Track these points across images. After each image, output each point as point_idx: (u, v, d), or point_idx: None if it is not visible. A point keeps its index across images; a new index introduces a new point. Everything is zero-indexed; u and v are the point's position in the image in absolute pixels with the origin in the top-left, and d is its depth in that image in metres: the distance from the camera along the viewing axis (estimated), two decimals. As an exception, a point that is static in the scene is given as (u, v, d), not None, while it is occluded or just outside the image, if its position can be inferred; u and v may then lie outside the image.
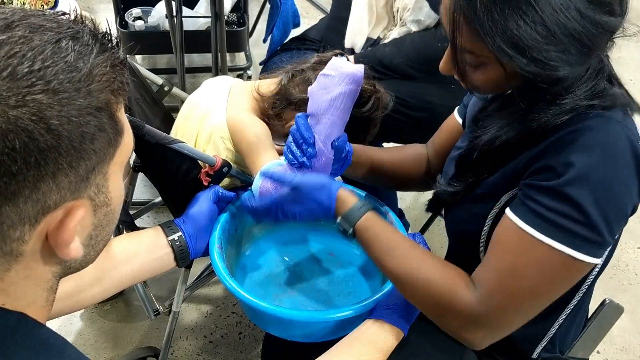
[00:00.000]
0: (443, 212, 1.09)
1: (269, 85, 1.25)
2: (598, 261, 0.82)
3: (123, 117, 0.56)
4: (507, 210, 0.86)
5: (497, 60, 0.82)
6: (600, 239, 0.80)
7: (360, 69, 1.00)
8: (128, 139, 0.57)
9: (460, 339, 0.88)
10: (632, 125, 0.84)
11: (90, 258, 0.60)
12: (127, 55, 0.58)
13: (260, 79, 1.31)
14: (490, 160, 0.93)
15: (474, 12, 0.79)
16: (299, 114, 1.04)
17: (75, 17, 0.55)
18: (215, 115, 1.20)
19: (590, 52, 0.80)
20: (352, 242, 1.29)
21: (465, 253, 0.99)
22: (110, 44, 0.55)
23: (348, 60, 1.20)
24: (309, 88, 1.03)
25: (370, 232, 0.92)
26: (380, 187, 1.50)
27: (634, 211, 0.86)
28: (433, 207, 1.07)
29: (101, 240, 0.60)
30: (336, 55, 1.17)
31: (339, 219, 0.95)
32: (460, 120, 1.17)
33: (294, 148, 1.02)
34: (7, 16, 0.50)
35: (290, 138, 1.03)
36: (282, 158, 1.09)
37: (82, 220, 0.53)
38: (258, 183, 1.07)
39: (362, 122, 1.23)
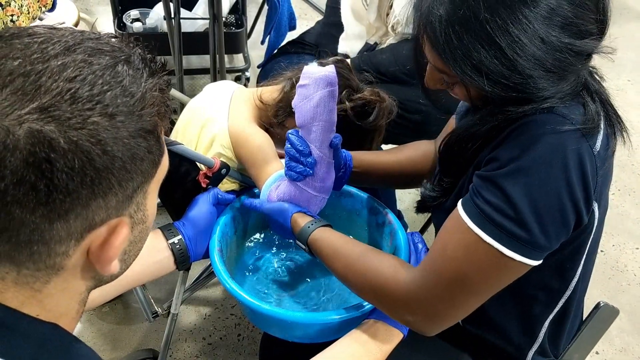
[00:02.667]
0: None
1: (272, 92, 1.24)
2: (532, 262, 0.79)
3: (163, 138, 0.59)
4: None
5: (462, 81, 0.82)
6: (529, 238, 0.78)
7: (331, 69, 1.02)
8: (165, 159, 0.60)
9: (404, 322, 0.89)
10: (592, 138, 0.80)
11: (120, 272, 0.62)
12: None
13: (259, 83, 1.30)
14: (454, 154, 0.92)
15: (435, 37, 0.79)
16: (290, 130, 1.05)
17: (125, 41, 0.57)
18: (217, 124, 1.19)
19: (560, 76, 0.78)
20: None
21: None
22: (157, 68, 0.57)
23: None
24: (292, 102, 1.04)
25: (318, 243, 0.98)
26: (393, 188, 1.50)
27: (580, 222, 0.82)
28: (421, 209, 1.08)
29: (133, 255, 0.62)
30: (336, 61, 1.18)
31: (296, 240, 1.02)
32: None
33: (293, 164, 1.03)
34: (67, 39, 0.52)
35: (287, 157, 1.04)
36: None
37: (126, 237, 0.55)
38: (265, 196, 1.10)
39: (368, 131, 1.24)
